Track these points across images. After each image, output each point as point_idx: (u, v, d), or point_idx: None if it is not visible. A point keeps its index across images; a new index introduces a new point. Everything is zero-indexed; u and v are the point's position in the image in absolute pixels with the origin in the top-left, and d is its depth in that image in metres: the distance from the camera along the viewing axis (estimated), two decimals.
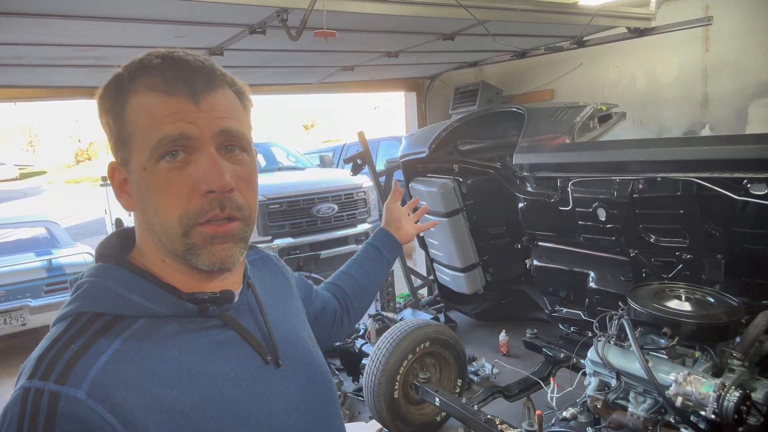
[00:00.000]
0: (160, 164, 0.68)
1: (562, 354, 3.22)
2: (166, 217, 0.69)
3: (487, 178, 3.99)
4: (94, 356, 0.64)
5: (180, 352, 0.70)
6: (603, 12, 3.57)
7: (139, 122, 0.68)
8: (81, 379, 0.61)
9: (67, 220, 13.86)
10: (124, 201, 0.74)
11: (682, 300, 2.12)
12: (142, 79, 0.69)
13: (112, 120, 0.71)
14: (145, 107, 0.68)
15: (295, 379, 0.81)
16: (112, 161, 0.74)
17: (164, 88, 0.68)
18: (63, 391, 0.60)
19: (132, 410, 0.62)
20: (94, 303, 0.69)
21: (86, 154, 37.73)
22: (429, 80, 5.91)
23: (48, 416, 0.58)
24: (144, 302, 0.70)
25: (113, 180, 0.74)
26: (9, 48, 2.94)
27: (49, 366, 0.62)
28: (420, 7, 2.80)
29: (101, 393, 0.61)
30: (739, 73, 4.25)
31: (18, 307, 5.02)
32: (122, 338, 0.67)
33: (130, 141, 0.69)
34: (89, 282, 0.71)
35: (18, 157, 36.40)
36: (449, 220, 4.15)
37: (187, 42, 3.14)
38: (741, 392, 1.71)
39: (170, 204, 0.68)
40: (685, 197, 2.56)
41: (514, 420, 2.68)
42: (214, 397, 0.69)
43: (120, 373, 0.64)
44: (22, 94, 4.28)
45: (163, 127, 0.67)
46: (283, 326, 0.86)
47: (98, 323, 0.67)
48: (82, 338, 0.65)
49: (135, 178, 0.70)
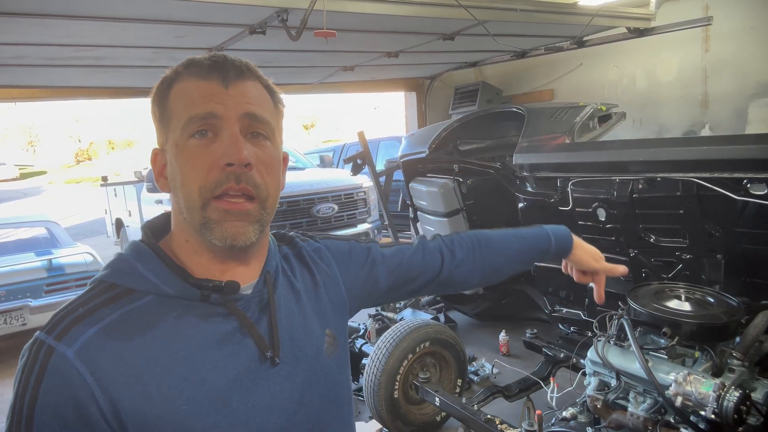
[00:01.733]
0: (190, 141, 0.74)
1: (562, 354, 3.22)
2: (187, 189, 0.74)
3: (487, 178, 3.99)
4: (93, 321, 0.70)
5: (175, 333, 0.73)
6: (603, 12, 3.57)
7: (177, 105, 0.75)
8: (73, 341, 0.68)
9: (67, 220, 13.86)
10: (161, 184, 0.79)
11: (682, 300, 2.11)
12: (188, 71, 0.77)
13: (157, 108, 0.78)
14: (182, 92, 0.75)
15: (291, 378, 0.81)
16: (156, 147, 0.80)
17: (202, 75, 0.75)
18: (57, 347, 0.68)
19: (112, 377, 0.68)
20: (113, 274, 0.76)
21: (86, 154, 37.72)
22: (429, 80, 5.91)
23: (41, 365, 0.67)
24: (153, 279, 0.75)
25: (155, 165, 0.80)
26: (10, 48, 2.94)
27: (56, 323, 0.70)
28: (420, 7, 2.80)
29: (87, 356, 0.67)
30: (739, 73, 4.26)
31: (18, 307, 5.03)
32: (122, 311, 0.72)
33: (169, 123, 0.76)
34: (120, 255, 0.79)
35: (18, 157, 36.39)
36: (449, 220, 4.15)
37: (187, 42, 3.14)
38: (741, 392, 1.71)
39: (193, 176, 0.73)
40: (685, 197, 2.56)
41: (514, 420, 2.68)
42: (195, 381, 0.72)
43: (110, 342, 0.69)
44: (22, 94, 4.29)
45: (195, 107, 0.73)
46: (295, 323, 0.86)
47: (110, 293, 0.74)
48: (89, 304, 0.72)
49: (169, 157, 0.76)
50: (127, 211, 9.17)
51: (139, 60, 3.57)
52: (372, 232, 6.98)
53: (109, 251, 9.88)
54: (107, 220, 10.29)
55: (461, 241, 1.16)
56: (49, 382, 0.66)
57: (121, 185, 9.48)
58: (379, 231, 7.20)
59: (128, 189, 9.10)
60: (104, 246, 10.16)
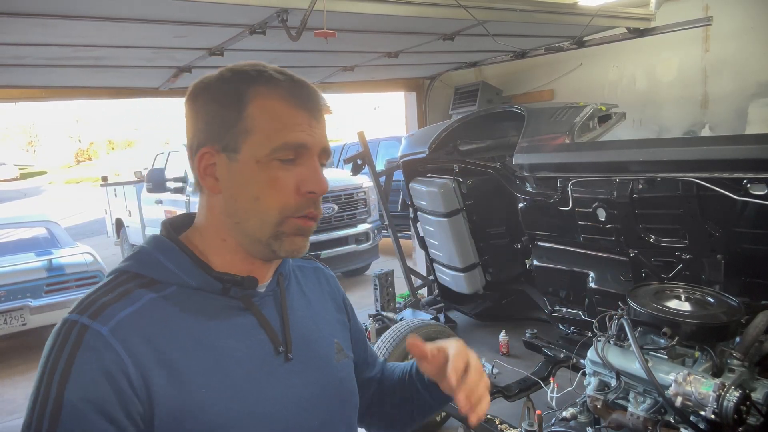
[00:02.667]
0: (274, 163, 0.78)
1: (562, 354, 3.22)
2: (266, 206, 0.78)
3: (487, 178, 3.99)
4: (124, 305, 0.74)
5: (197, 322, 0.78)
6: (603, 12, 3.56)
7: (263, 122, 0.77)
8: (108, 320, 0.72)
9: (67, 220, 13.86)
10: (208, 183, 0.81)
11: (682, 300, 2.11)
12: (268, 87, 0.79)
13: (226, 111, 0.78)
14: (271, 112, 0.78)
15: (302, 376, 0.85)
16: (207, 146, 0.80)
17: (293, 101, 0.79)
18: (92, 325, 0.71)
19: (144, 356, 0.71)
20: (136, 265, 0.80)
21: (86, 154, 37.72)
22: (429, 80, 5.91)
23: (75, 342, 0.70)
24: (177, 271, 0.79)
25: (200, 162, 0.81)
26: (10, 48, 2.94)
27: (87, 306, 0.74)
28: (420, 8, 2.80)
29: (121, 334, 0.71)
30: (739, 73, 4.25)
31: (18, 307, 5.02)
32: (151, 297, 0.76)
33: (246, 135, 0.78)
34: (141, 248, 0.83)
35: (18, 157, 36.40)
36: (449, 220, 4.15)
37: (187, 42, 3.14)
38: (741, 392, 1.72)
39: (274, 196, 0.78)
40: (685, 197, 2.56)
41: (514, 420, 2.68)
42: (214, 369, 0.76)
43: (141, 324, 0.73)
44: (22, 94, 4.29)
45: (289, 133, 0.78)
46: (306, 325, 0.90)
47: (136, 281, 0.78)
48: (120, 289, 0.76)
49: (239, 167, 0.78)
50: (127, 211, 9.17)
51: (139, 60, 3.57)
52: (372, 232, 6.98)
53: (109, 251, 9.88)
54: (107, 220, 10.29)
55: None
56: (82, 358, 0.69)
57: (121, 185, 9.48)
58: (379, 231, 7.20)
59: (128, 189, 9.10)
60: (104, 246, 10.16)
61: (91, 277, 5.45)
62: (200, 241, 0.84)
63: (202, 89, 0.81)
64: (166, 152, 8.22)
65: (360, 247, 6.74)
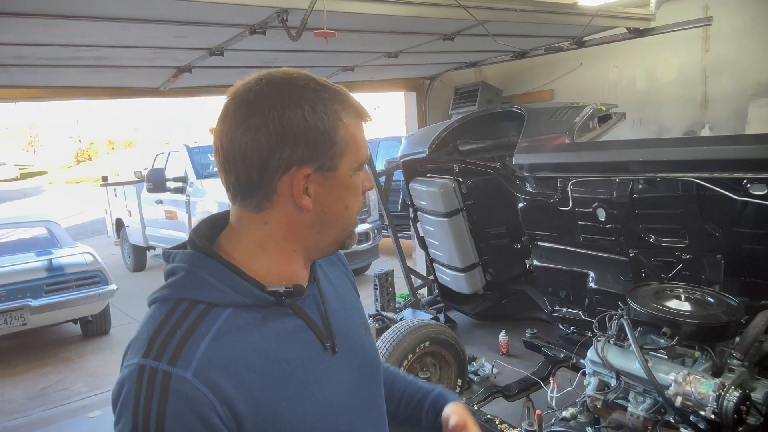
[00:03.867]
0: (354, 176, 0.87)
1: (562, 354, 3.22)
2: (352, 211, 0.89)
3: (487, 178, 3.99)
4: (197, 342, 0.75)
5: (260, 338, 0.80)
6: (603, 12, 3.56)
7: (349, 146, 0.85)
8: (188, 362, 0.73)
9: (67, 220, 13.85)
10: (305, 201, 0.84)
11: (682, 300, 2.12)
12: (347, 111, 0.85)
13: (319, 136, 0.82)
14: (352, 136, 0.86)
15: (347, 363, 0.92)
16: (304, 167, 0.81)
17: (361, 122, 0.88)
18: (174, 372, 0.72)
19: (226, 389, 0.73)
20: (191, 291, 0.80)
21: (86, 154, 37.69)
22: (429, 80, 5.91)
23: (162, 391, 0.71)
24: (232, 293, 0.81)
25: (294, 181, 0.82)
26: (10, 48, 2.94)
27: (161, 348, 0.74)
28: (420, 8, 2.80)
29: (204, 375, 0.73)
30: (739, 73, 4.25)
31: (18, 307, 5.02)
32: (216, 326, 0.78)
33: (341, 157, 0.84)
34: (185, 270, 0.82)
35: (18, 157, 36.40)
36: (449, 220, 4.15)
37: (188, 42, 3.14)
38: (740, 392, 1.72)
39: (356, 201, 0.90)
40: (685, 197, 2.56)
41: (514, 420, 2.68)
42: (285, 380, 0.80)
43: (216, 357, 0.75)
44: (22, 94, 4.29)
45: (363, 153, 0.88)
46: (341, 316, 0.96)
47: (196, 310, 0.78)
48: (185, 323, 0.77)
49: (337, 183, 0.85)
50: (127, 211, 9.17)
51: (139, 60, 3.57)
52: (372, 232, 6.98)
53: (109, 251, 9.88)
54: (107, 220, 10.28)
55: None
56: (174, 406, 0.70)
57: (121, 185, 9.48)
58: (379, 231, 7.20)
59: (128, 189, 9.10)
60: (104, 246, 10.16)
61: (91, 277, 5.45)
62: (236, 249, 0.85)
63: (268, 109, 0.79)
64: (166, 152, 8.22)
65: (360, 247, 6.74)
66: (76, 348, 5.75)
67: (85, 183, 27.55)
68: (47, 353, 5.64)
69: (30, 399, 4.56)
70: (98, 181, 14.09)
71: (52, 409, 4.34)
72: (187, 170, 7.32)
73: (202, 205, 6.79)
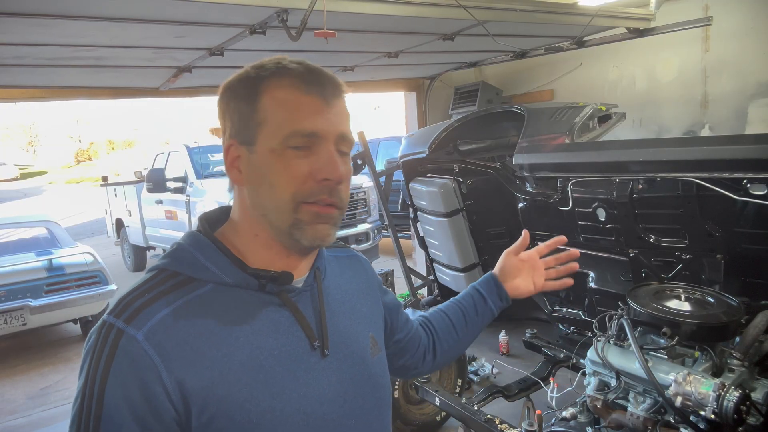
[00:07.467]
0: (288, 151, 0.78)
1: (562, 354, 3.22)
2: (280, 192, 0.78)
3: (487, 178, 3.99)
4: (160, 307, 0.75)
5: (235, 320, 0.78)
6: (603, 12, 3.57)
7: (274, 112, 0.78)
8: (143, 323, 0.73)
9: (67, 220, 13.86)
10: (233, 175, 0.83)
11: (682, 300, 2.11)
12: (279, 77, 0.80)
13: (243, 105, 0.80)
14: (281, 101, 0.79)
15: (338, 372, 0.85)
16: (231, 140, 0.82)
17: (302, 88, 0.79)
18: (127, 330, 0.72)
19: (178, 359, 0.72)
20: (174, 263, 0.81)
21: (86, 154, 37.68)
22: (429, 80, 5.91)
23: (111, 348, 0.72)
24: (214, 269, 0.80)
25: (227, 156, 0.83)
26: (9, 48, 2.94)
27: (124, 307, 0.75)
28: (420, 8, 2.80)
29: (155, 339, 0.72)
30: (739, 73, 4.25)
31: (18, 307, 5.02)
32: (186, 298, 0.77)
33: (260, 126, 0.79)
34: (179, 245, 0.84)
35: (18, 157, 36.38)
36: (449, 220, 4.15)
37: (187, 42, 3.14)
38: (740, 392, 1.72)
39: (287, 182, 0.78)
40: (685, 197, 2.56)
41: (514, 420, 2.68)
42: (253, 367, 0.77)
43: (177, 326, 0.74)
44: (22, 94, 4.29)
45: (299, 121, 0.78)
46: (342, 321, 0.91)
47: (174, 280, 0.79)
48: (157, 289, 0.77)
49: (257, 158, 0.80)
50: (127, 211, 9.17)
51: (139, 60, 3.57)
52: (372, 232, 6.99)
53: (109, 251, 9.89)
54: (107, 220, 10.29)
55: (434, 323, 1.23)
56: (118, 364, 0.71)
57: (121, 185, 9.48)
58: (379, 231, 7.20)
59: (128, 189, 9.11)
60: (104, 246, 10.17)
61: (91, 277, 5.45)
62: (236, 237, 0.85)
63: (226, 88, 0.83)
64: (166, 152, 8.22)
65: (360, 247, 6.74)
66: (76, 348, 5.75)
67: (85, 183, 27.56)
68: (47, 353, 5.64)
69: (30, 399, 4.56)
70: (98, 181, 14.09)
71: (52, 409, 4.34)
72: (187, 170, 7.32)
73: (202, 205, 6.79)
